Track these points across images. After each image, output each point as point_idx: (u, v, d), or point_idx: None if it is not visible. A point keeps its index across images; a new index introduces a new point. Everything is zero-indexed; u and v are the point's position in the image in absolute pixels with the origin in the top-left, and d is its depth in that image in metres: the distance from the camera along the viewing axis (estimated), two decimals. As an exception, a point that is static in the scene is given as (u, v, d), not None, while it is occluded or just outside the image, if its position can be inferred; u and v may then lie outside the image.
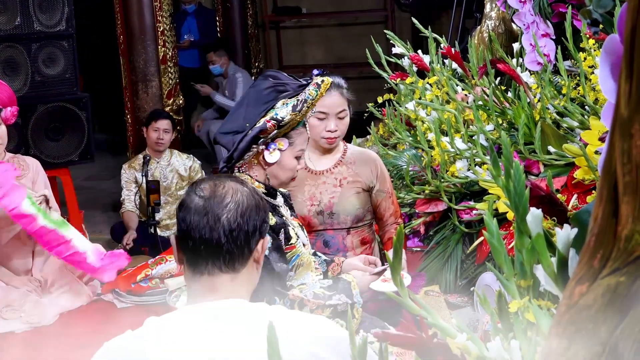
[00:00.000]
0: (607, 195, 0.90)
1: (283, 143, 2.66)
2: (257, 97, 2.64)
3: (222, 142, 2.68)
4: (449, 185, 3.70)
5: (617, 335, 0.86)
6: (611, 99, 1.02)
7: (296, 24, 9.87)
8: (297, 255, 2.71)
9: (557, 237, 1.23)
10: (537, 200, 1.87)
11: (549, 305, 1.30)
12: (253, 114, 2.61)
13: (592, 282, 0.91)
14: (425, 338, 1.28)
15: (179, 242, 1.68)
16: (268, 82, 2.66)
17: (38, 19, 4.94)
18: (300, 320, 1.65)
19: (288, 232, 2.69)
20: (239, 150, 2.60)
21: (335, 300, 2.59)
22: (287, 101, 2.61)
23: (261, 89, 2.65)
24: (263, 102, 2.62)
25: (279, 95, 2.62)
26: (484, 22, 4.57)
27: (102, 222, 5.99)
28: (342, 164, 3.37)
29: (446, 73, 4.19)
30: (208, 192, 1.66)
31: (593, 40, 3.55)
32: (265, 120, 2.58)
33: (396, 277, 1.36)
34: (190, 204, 1.66)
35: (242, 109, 2.67)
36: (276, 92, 2.63)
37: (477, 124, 3.58)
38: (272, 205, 2.70)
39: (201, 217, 1.63)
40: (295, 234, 2.73)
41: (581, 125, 3.40)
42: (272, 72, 2.73)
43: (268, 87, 2.65)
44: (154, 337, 1.58)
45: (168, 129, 5.44)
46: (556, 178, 3.24)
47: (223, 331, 1.56)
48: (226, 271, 1.64)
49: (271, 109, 2.60)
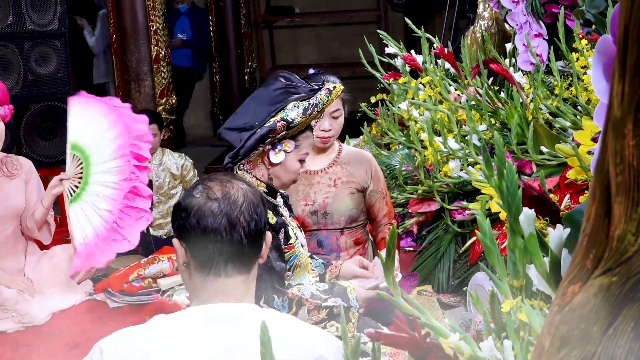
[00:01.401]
0: (600, 195, 0.91)
1: (289, 145, 2.67)
2: (268, 96, 2.65)
3: (226, 137, 2.68)
4: (442, 185, 3.71)
5: (610, 335, 0.87)
6: (604, 99, 1.02)
7: (289, 24, 9.87)
8: (295, 255, 2.72)
9: (549, 237, 1.23)
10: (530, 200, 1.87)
11: (542, 305, 1.30)
12: (263, 113, 2.62)
13: (584, 282, 0.91)
14: (418, 338, 1.28)
15: (189, 247, 1.65)
16: (280, 83, 2.67)
17: (30, 17, 4.92)
18: (308, 331, 1.65)
19: (287, 232, 2.70)
20: (246, 147, 2.61)
21: (332, 302, 2.60)
22: (299, 103, 2.62)
23: (272, 89, 2.66)
24: (274, 102, 2.63)
25: (290, 97, 2.63)
26: (477, 22, 4.57)
27: (94, 222, 5.96)
28: (336, 164, 3.37)
29: (439, 73, 4.19)
30: (220, 194, 1.64)
31: (586, 40, 3.56)
32: (275, 120, 2.59)
33: (389, 277, 1.36)
34: (203, 207, 1.63)
35: (251, 107, 2.68)
36: (287, 93, 2.64)
37: (470, 124, 3.59)
38: (273, 204, 2.70)
39: (220, 219, 1.61)
40: (294, 234, 2.74)
41: (574, 126, 3.41)
42: (285, 74, 2.74)
43: (279, 87, 2.65)
44: (159, 334, 1.57)
45: (155, 133, 5.42)
46: (549, 178, 3.25)
47: (228, 334, 1.56)
48: (243, 272, 1.64)
49: (282, 109, 2.61)
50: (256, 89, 2.85)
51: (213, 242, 1.61)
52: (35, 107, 4.96)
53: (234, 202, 1.63)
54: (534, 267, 1.25)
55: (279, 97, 2.63)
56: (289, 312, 2.54)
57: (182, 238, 1.66)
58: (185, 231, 1.65)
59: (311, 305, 2.57)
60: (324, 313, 2.57)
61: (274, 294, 2.56)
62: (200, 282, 1.65)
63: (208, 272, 1.63)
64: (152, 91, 6.35)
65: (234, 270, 1.63)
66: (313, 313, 2.57)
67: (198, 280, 1.65)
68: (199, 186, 1.68)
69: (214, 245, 1.61)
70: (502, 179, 1.26)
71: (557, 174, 3.29)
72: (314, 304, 2.58)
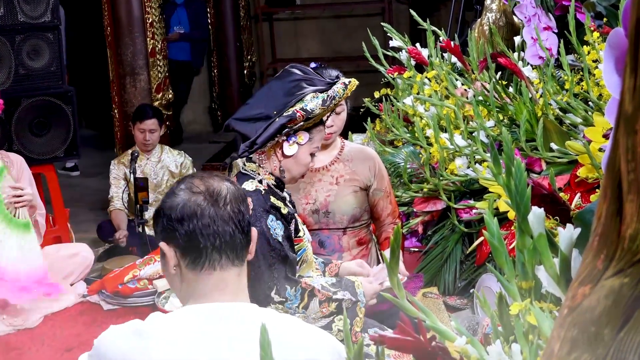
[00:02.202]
0: (611, 193, 0.91)
1: (303, 137, 2.73)
2: (283, 87, 2.71)
3: (237, 128, 2.73)
4: (448, 184, 3.71)
5: (621, 338, 0.87)
6: (615, 95, 1.02)
7: (290, 16, 9.86)
8: (303, 249, 2.78)
9: (559, 237, 1.23)
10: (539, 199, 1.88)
11: (551, 307, 1.31)
12: (280, 103, 2.67)
13: (595, 284, 0.91)
14: (423, 342, 1.28)
15: (178, 247, 1.66)
16: (295, 75, 2.73)
17: (22, 9, 4.92)
18: (307, 332, 1.66)
19: (297, 224, 2.77)
20: (264, 136, 2.65)
21: (341, 295, 2.65)
22: (317, 95, 2.68)
23: (287, 81, 2.72)
24: (290, 93, 2.69)
25: (307, 88, 2.69)
26: (485, 15, 4.57)
27: (88, 221, 5.97)
28: (339, 161, 3.37)
29: (445, 67, 4.19)
30: (204, 187, 1.67)
31: (597, 33, 3.56)
32: (295, 110, 2.64)
33: (393, 279, 1.37)
34: (188, 202, 1.65)
35: (264, 98, 2.73)
36: (304, 84, 2.70)
37: (477, 120, 3.59)
38: (281, 197, 2.76)
39: (208, 210, 1.64)
40: (302, 227, 2.81)
41: (584, 122, 3.41)
42: (299, 66, 2.80)
43: (295, 79, 2.72)
44: (157, 333, 1.58)
45: (154, 128, 5.41)
46: (559, 176, 3.25)
47: (227, 333, 1.57)
48: (237, 264, 1.67)
49: (300, 100, 2.66)
50: (266, 83, 2.88)
51: (203, 235, 1.63)
52: (27, 103, 4.97)
53: (218, 193, 1.67)
54: (543, 268, 1.25)
55: (295, 88, 2.69)
56: (300, 303, 2.61)
57: (169, 240, 1.68)
58: (172, 232, 1.66)
59: (323, 297, 2.63)
60: (333, 306, 2.63)
61: (286, 283, 2.61)
62: (194, 280, 1.66)
63: (202, 268, 1.65)
64: (148, 86, 6.35)
65: (228, 262, 1.66)
66: (324, 305, 2.63)
67: (192, 279, 1.67)
68: (181, 185, 1.71)
69: (205, 239, 1.64)
70: (510, 177, 1.26)
71: (568, 172, 3.30)
72: (326, 295, 2.64)
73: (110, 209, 5.37)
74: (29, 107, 4.98)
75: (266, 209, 2.64)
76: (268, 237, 2.61)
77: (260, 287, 2.60)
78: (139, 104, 5.95)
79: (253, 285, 2.57)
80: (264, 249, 2.59)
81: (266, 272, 2.60)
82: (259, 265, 2.60)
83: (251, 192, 2.65)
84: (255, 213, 2.60)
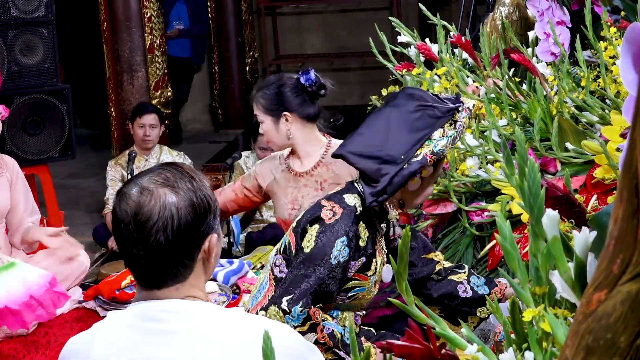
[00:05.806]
0: (628, 195, 0.91)
1: (428, 170, 2.62)
2: (404, 121, 2.57)
3: (359, 165, 2.57)
4: (459, 185, 3.71)
5: (638, 345, 0.87)
6: (633, 92, 1.03)
7: (294, 10, 9.87)
8: (362, 288, 2.69)
9: (574, 240, 1.24)
10: (554, 201, 1.88)
11: (566, 313, 1.31)
12: (406, 143, 2.53)
13: (611, 289, 0.92)
14: (432, 349, 1.29)
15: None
16: (414, 103, 2.59)
17: (15, 3, 4.94)
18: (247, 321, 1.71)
19: (370, 263, 2.67)
20: (394, 184, 2.51)
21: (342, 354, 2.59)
22: (447, 132, 2.55)
23: (407, 112, 2.58)
24: (414, 129, 2.55)
25: (429, 121, 2.56)
26: (497, 9, 4.57)
27: (83, 224, 5.99)
28: (321, 164, 3.33)
29: (456, 63, 4.19)
30: (134, 209, 1.63)
31: (614, 28, 3.56)
32: (425, 155, 2.52)
33: (401, 284, 1.37)
34: (119, 216, 1.66)
35: (382, 131, 2.58)
36: (427, 117, 2.56)
37: (489, 119, 3.59)
38: (375, 227, 2.68)
39: (130, 235, 1.64)
40: (374, 268, 2.70)
41: (601, 120, 3.41)
42: (414, 91, 2.66)
43: (416, 110, 2.58)
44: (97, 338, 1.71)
45: (155, 124, 5.42)
46: (574, 177, 3.25)
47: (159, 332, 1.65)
48: (171, 284, 1.68)
49: (428, 139, 2.55)
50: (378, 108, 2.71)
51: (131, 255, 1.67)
52: (20, 100, 4.98)
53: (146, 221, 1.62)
54: (558, 273, 1.25)
55: (418, 122, 2.55)
56: (299, 326, 2.50)
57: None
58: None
59: (323, 339, 2.55)
60: (329, 356, 2.56)
61: (302, 299, 2.51)
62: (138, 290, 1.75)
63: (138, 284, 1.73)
64: (146, 83, 6.36)
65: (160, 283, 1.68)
66: (320, 348, 2.46)
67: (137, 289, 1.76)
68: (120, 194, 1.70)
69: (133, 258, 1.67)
70: (523, 178, 1.26)
71: (584, 173, 3.30)
72: (328, 342, 2.55)
73: (105, 211, 5.37)
74: (22, 105, 4.99)
75: (346, 231, 2.55)
76: (326, 253, 2.53)
77: (283, 286, 2.55)
78: (138, 101, 5.97)
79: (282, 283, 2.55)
80: (316, 261, 2.53)
81: (299, 278, 2.53)
82: (300, 269, 2.54)
83: (348, 205, 2.58)
84: (335, 225, 2.54)
